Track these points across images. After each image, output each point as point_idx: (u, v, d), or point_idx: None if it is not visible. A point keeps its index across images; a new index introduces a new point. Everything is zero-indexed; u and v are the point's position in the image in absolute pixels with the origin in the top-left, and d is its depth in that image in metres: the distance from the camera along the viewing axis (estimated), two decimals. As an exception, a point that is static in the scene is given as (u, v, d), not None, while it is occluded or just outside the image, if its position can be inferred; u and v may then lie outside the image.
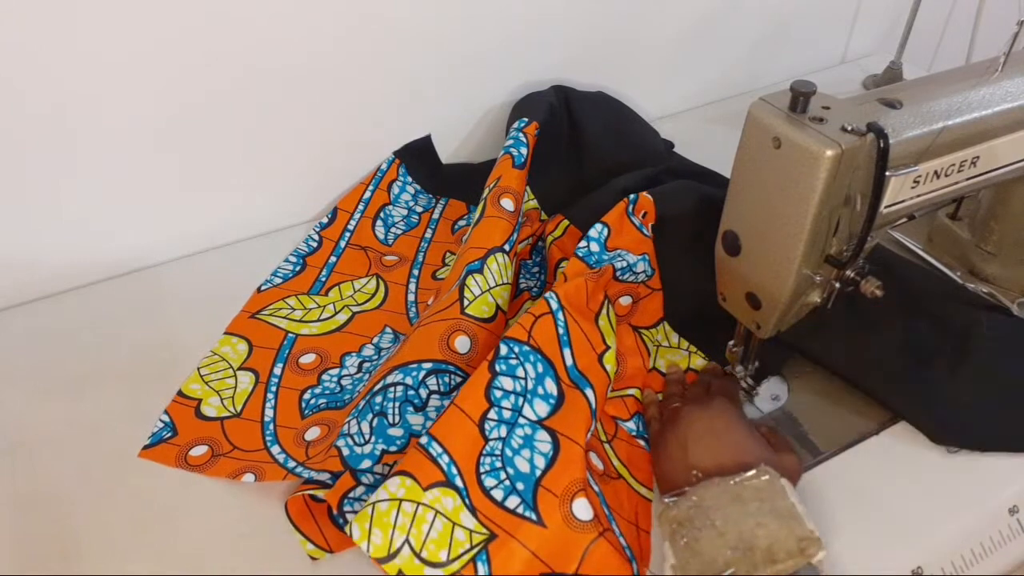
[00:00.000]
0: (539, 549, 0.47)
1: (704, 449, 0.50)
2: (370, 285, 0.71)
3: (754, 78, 1.02)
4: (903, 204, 0.52)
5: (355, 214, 0.77)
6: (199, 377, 0.61)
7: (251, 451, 0.56)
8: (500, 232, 0.64)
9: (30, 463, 0.55)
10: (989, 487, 0.54)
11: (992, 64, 0.54)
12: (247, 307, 0.68)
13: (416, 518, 0.46)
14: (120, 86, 0.63)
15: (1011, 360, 0.61)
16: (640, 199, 0.63)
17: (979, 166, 0.54)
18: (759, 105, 0.47)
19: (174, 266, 0.74)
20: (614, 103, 0.84)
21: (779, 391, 0.59)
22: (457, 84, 0.80)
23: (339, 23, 0.69)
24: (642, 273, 0.64)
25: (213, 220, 0.75)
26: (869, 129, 0.44)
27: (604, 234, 0.62)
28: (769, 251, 0.50)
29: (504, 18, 0.78)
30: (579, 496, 0.48)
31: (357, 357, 0.64)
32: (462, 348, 0.57)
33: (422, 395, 0.55)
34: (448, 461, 0.48)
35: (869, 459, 0.56)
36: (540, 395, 0.52)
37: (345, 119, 0.76)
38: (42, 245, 0.67)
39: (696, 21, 0.91)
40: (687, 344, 0.64)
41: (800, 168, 0.45)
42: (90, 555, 0.50)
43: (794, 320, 0.54)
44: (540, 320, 0.54)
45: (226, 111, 0.69)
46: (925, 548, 0.51)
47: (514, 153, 0.71)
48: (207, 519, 0.52)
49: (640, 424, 0.58)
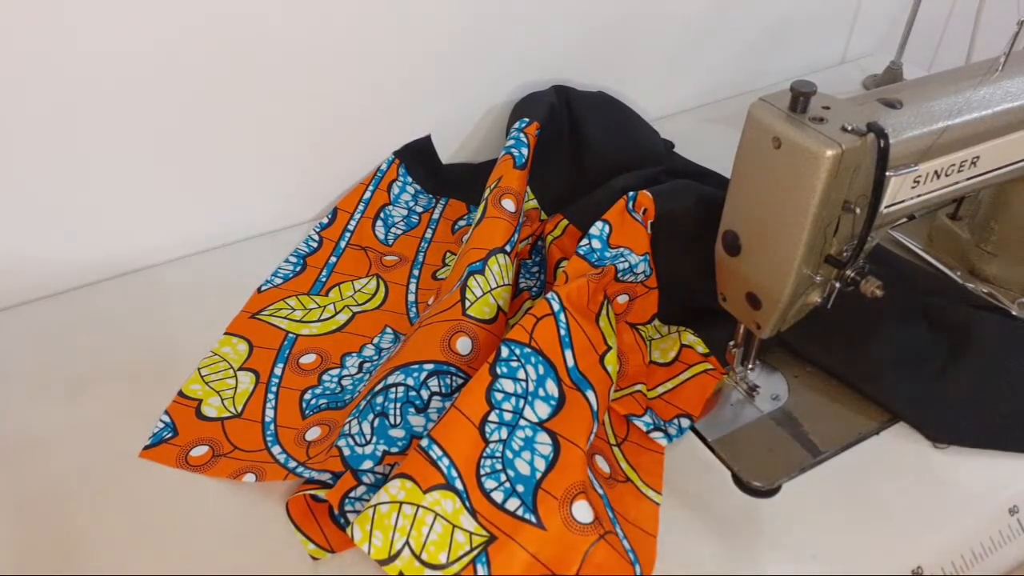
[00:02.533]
0: (539, 551, 0.47)
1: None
2: (370, 285, 0.71)
3: (754, 78, 1.02)
4: (903, 204, 0.52)
5: (355, 214, 0.77)
6: (199, 377, 0.61)
7: (252, 451, 0.56)
8: (501, 233, 0.64)
9: (30, 463, 0.55)
10: (989, 487, 0.54)
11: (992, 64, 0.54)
12: (247, 307, 0.68)
13: (416, 520, 0.46)
14: (120, 87, 0.63)
15: (1010, 360, 0.61)
16: (639, 196, 0.63)
17: (979, 166, 0.54)
18: (759, 105, 0.47)
19: (174, 266, 0.73)
20: (614, 103, 0.84)
21: (779, 391, 0.59)
22: (457, 84, 0.80)
23: (339, 23, 0.69)
24: (641, 274, 0.64)
25: (213, 220, 0.75)
26: (869, 129, 0.44)
27: (606, 232, 0.62)
28: (769, 251, 0.50)
29: (504, 18, 0.78)
30: (579, 499, 0.48)
31: (357, 357, 0.64)
32: (463, 349, 0.57)
33: (423, 396, 0.55)
34: (448, 464, 0.48)
35: (869, 459, 0.56)
36: (541, 397, 0.52)
37: (345, 119, 0.76)
38: (42, 245, 0.67)
39: (696, 21, 0.91)
40: (675, 328, 0.64)
41: (800, 168, 0.45)
42: (90, 555, 0.50)
43: (794, 320, 0.54)
44: (542, 321, 0.54)
45: (226, 111, 0.69)
46: (925, 548, 0.51)
47: (515, 153, 0.71)
48: (207, 519, 0.52)
49: (655, 417, 0.58)
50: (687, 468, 0.56)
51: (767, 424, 0.58)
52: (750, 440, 0.57)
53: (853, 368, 0.61)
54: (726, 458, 0.56)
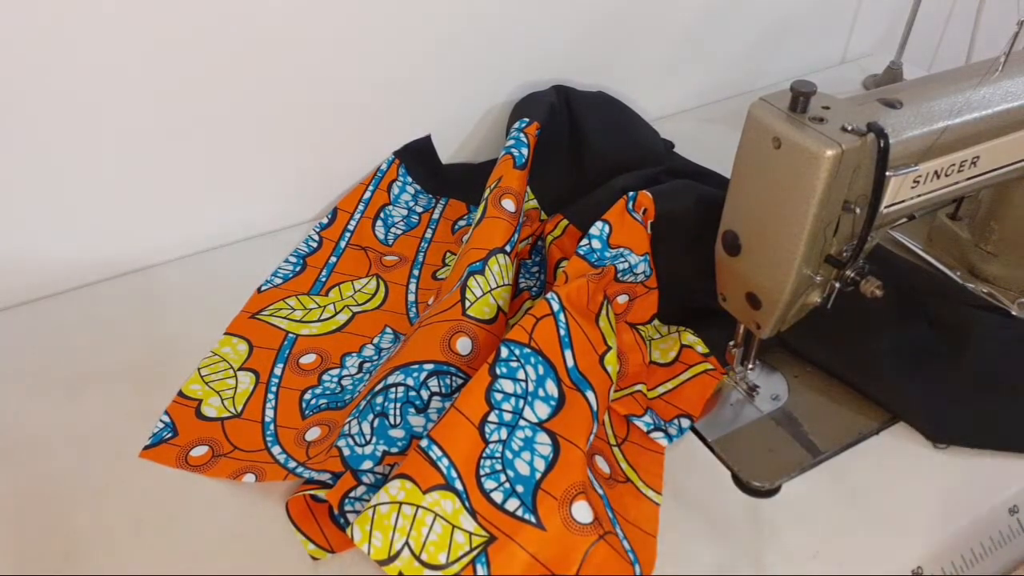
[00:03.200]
0: (538, 552, 0.47)
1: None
2: (370, 285, 0.71)
3: (754, 78, 1.02)
4: (903, 204, 0.52)
5: (355, 214, 0.77)
6: (199, 377, 0.61)
7: (252, 451, 0.56)
8: (501, 233, 0.64)
9: (31, 463, 0.55)
10: (989, 487, 0.54)
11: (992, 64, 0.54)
12: (247, 307, 0.68)
13: (416, 521, 0.46)
14: (121, 88, 0.63)
15: (1010, 360, 0.61)
16: (639, 196, 0.63)
17: (979, 166, 0.54)
18: (759, 105, 0.47)
19: (174, 266, 0.73)
20: (615, 103, 0.84)
21: (779, 391, 0.59)
22: (457, 84, 0.80)
23: (339, 23, 0.69)
24: (641, 274, 0.64)
25: (213, 220, 0.75)
26: (869, 129, 0.44)
27: (606, 232, 0.62)
28: (769, 251, 0.50)
29: (504, 18, 0.78)
30: (579, 499, 0.48)
31: (357, 357, 0.64)
32: (463, 350, 0.57)
33: (423, 396, 0.55)
34: (448, 464, 0.48)
35: (869, 459, 0.56)
36: (541, 397, 0.52)
37: (345, 119, 0.75)
38: (42, 245, 0.67)
39: (696, 21, 0.91)
40: (675, 328, 0.64)
41: (800, 168, 0.45)
42: (90, 555, 0.50)
43: (794, 320, 0.54)
44: (542, 322, 0.54)
45: (226, 111, 0.69)
46: (925, 548, 0.51)
47: (515, 153, 0.71)
48: (207, 519, 0.52)
49: (655, 417, 0.58)
50: (687, 468, 0.56)
51: (767, 424, 0.58)
52: (750, 440, 0.57)
53: (853, 368, 0.61)
54: (726, 458, 0.56)
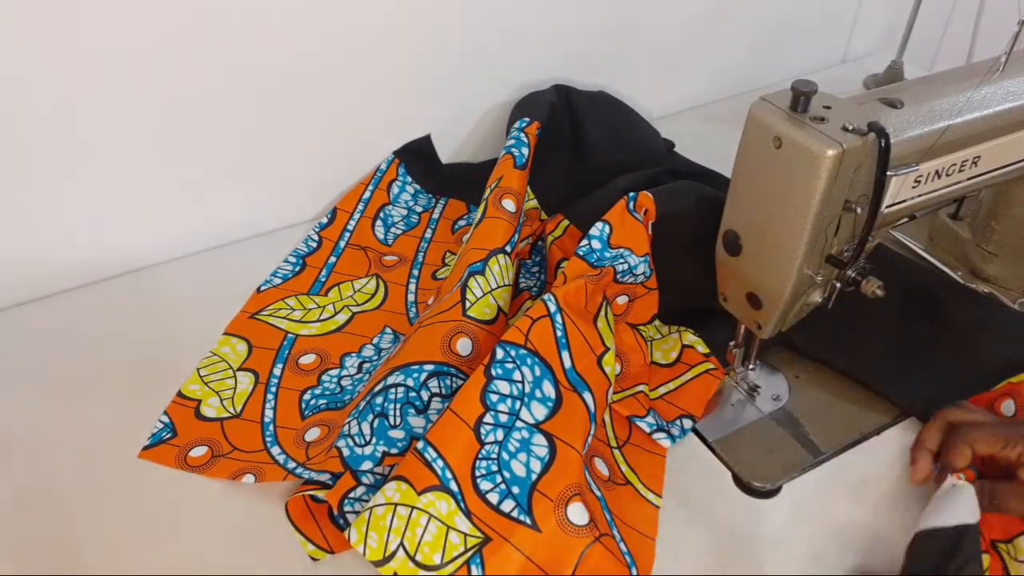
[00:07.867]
0: (533, 553, 0.47)
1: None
2: (370, 285, 0.71)
3: (754, 78, 1.02)
4: (904, 204, 0.52)
5: (355, 214, 0.77)
6: (199, 378, 0.61)
7: (251, 452, 0.56)
8: (502, 233, 0.64)
9: (30, 463, 0.55)
10: (990, 487, 0.54)
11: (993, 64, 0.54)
12: (247, 307, 0.68)
13: (411, 522, 0.46)
14: (120, 86, 0.63)
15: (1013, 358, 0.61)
16: (640, 197, 0.63)
17: (980, 166, 0.54)
18: (760, 105, 0.47)
19: (174, 266, 0.73)
20: (615, 103, 0.84)
21: (780, 391, 0.59)
22: (457, 84, 0.80)
23: (339, 22, 0.69)
24: (641, 275, 0.64)
25: (213, 220, 0.75)
26: (870, 129, 0.44)
27: (606, 232, 0.62)
28: (770, 251, 0.49)
29: (504, 18, 0.78)
30: (575, 501, 0.48)
31: (357, 358, 0.64)
32: (463, 350, 0.57)
33: (423, 397, 0.55)
34: (443, 465, 0.48)
35: (870, 459, 0.56)
36: (538, 398, 0.52)
37: (345, 119, 0.75)
38: (42, 245, 0.67)
39: (696, 21, 0.91)
40: (676, 328, 0.64)
41: (801, 168, 0.45)
42: (90, 555, 0.50)
43: (795, 320, 0.54)
44: (538, 323, 0.54)
45: (226, 111, 0.68)
46: (926, 549, 0.51)
47: (515, 153, 0.71)
48: (207, 519, 0.52)
49: (657, 418, 0.58)
50: (687, 469, 0.56)
51: (768, 424, 0.58)
52: (751, 441, 0.57)
53: (855, 366, 0.61)
54: (727, 459, 0.56)
